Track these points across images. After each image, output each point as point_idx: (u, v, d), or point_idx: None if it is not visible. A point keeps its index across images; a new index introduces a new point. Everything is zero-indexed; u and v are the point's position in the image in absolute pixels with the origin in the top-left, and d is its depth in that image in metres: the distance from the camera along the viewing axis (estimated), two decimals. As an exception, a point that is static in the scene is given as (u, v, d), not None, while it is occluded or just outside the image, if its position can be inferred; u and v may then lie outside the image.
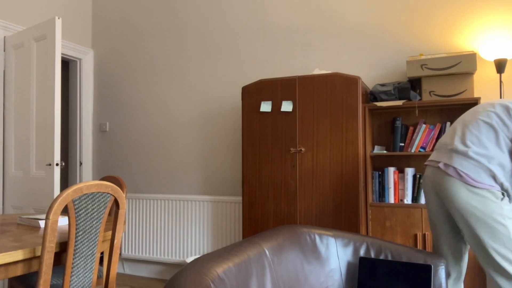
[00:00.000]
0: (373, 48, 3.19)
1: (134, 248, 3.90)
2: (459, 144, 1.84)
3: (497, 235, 1.72)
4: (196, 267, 1.24)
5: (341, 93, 2.72)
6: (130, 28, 4.19)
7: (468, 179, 1.76)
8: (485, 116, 1.84)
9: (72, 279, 1.68)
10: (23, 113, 3.43)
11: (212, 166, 3.73)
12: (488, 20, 2.88)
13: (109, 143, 4.24)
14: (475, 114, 1.89)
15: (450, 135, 1.93)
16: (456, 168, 1.80)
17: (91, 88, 4.35)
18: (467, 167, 1.78)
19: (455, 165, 1.80)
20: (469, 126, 1.86)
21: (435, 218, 1.99)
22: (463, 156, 1.80)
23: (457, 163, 1.80)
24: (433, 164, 1.92)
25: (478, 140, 1.81)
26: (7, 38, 3.58)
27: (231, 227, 3.51)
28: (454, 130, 1.93)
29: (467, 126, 1.87)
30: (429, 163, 1.97)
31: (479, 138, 1.81)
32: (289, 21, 3.49)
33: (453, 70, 2.66)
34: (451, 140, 1.89)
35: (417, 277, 1.82)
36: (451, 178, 1.80)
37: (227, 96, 3.70)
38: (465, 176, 1.77)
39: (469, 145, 1.81)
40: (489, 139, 1.79)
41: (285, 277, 1.66)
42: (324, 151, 2.74)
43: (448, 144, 1.90)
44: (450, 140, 1.90)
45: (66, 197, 1.58)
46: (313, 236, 1.94)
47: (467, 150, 1.80)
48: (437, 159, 1.91)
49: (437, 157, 1.92)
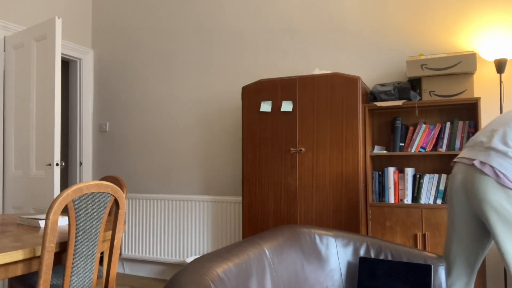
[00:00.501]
0: (373, 48, 3.19)
1: (134, 248, 3.90)
2: (500, 143, 1.74)
3: None
4: (196, 267, 1.24)
5: (341, 93, 2.72)
6: (130, 28, 4.19)
7: (505, 179, 1.67)
8: None
9: (72, 279, 1.68)
10: (23, 113, 3.43)
11: (212, 166, 3.73)
12: (488, 20, 2.88)
13: (109, 143, 4.24)
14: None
15: (488, 133, 1.83)
16: (494, 167, 1.69)
17: (91, 88, 4.35)
18: (506, 168, 1.68)
19: (493, 163, 1.70)
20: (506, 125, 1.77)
21: (458, 219, 1.88)
22: (503, 155, 1.70)
23: (496, 162, 1.70)
24: (466, 162, 1.80)
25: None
26: (7, 38, 3.58)
27: (231, 227, 3.51)
28: (492, 129, 1.83)
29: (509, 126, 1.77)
30: (460, 160, 1.85)
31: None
32: (289, 21, 3.49)
33: (453, 70, 2.66)
34: (489, 139, 1.79)
35: (417, 277, 1.82)
36: (486, 177, 1.70)
37: (227, 96, 3.70)
38: (502, 177, 1.67)
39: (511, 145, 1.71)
40: None
41: (285, 277, 1.66)
42: (324, 151, 2.74)
43: (485, 142, 1.79)
44: (487, 138, 1.80)
45: (66, 197, 1.58)
46: (313, 236, 1.94)
47: (508, 150, 1.70)
48: (472, 156, 1.79)
49: (471, 154, 1.81)
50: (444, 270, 1.86)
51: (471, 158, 1.79)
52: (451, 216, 1.92)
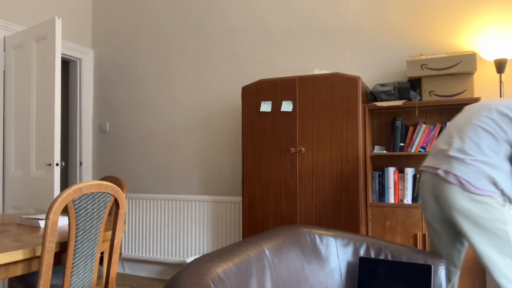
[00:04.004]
0: (373, 48, 3.19)
1: (134, 248, 3.90)
2: (458, 150, 1.81)
3: (497, 241, 1.71)
4: (196, 267, 1.24)
5: (341, 93, 2.72)
6: (130, 28, 4.19)
7: (470, 186, 1.73)
8: (483, 122, 1.81)
9: (72, 279, 1.68)
10: (23, 113, 3.43)
11: (212, 166, 3.73)
12: (488, 20, 2.88)
13: (109, 143, 4.24)
14: (470, 119, 1.86)
15: (447, 140, 1.89)
16: (457, 175, 1.76)
17: (91, 88, 4.35)
18: (468, 174, 1.75)
19: (456, 172, 1.76)
20: (467, 132, 1.83)
21: (435, 222, 1.96)
22: (463, 162, 1.77)
23: (458, 170, 1.76)
24: (431, 171, 1.88)
25: (478, 147, 1.78)
26: (7, 38, 3.58)
27: (231, 227, 3.51)
28: (450, 135, 1.90)
29: (464, 132, 1.84)
30: (426, 169, 1.93)
31: (478, 145, 1.78)
32: (289, 21, 3.49)
33: (453, 70, 2.66)
34: (448, 146, 1.86)
35: (417, 277, 1.82)
36: (452, 185, 1.77)
37: (227, 96, 3.70)
38: (466, 184, 1.74)
39: (468, 152, 1.78)
40: (488, 146, 1.77)
41: (285, 277, 1.66)
42: (324, 151, 2.74)
43: (445, 150, 1.86)
44: (447, 146, 1.86)
45: (66, 197, 1.58)
46: (313, 236, 1.94)
47: (467, 156, 1.77)
48: (435, 165, 1.87)
49: (434, 163, 1.88)
50: (444, 270, 1.86)
51: (435, 167, 1.87)
52: (428, 219, 2.00)
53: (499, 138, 1.76)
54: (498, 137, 1.77)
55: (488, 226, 1.72)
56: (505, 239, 1.71)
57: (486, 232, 1.72)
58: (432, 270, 1.81)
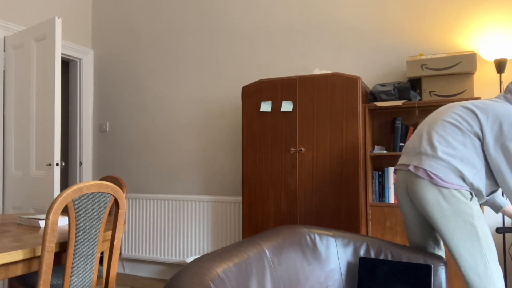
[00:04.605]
0: (373, 48, 3.19)
1: (134, 248, 3.90)
2: (427, 146, 1.86)
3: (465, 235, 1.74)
4: (196, 267, 1.24)
5: (341, 93, 2.72)
6: (130, 28, 4.19)
7: (438, 179, 1.78)
8: (449, 117, 1.87)
9: (72, 279, 1.68)
10: (23, 113, 3.43)
11: (212, 166, 3.73)
12: (488, 20, 2.88)
13: (109, 143, 4.24)
14: (438, 116, 1.92)
15: (417, 138, 1.95)
16: (426, 169, 1.81)
17: (91, 88, 4.35)
18: (436, 168, 1.79)
19: (425, 166, 1.82)
20: (435, 128, 1.88)
21: (410, 222, 2.01)
22: (432, 157, 1.82)
23: (427, 165, 1.82)
24: (403, 168, 1.94)
25: (445, 141, 1.82)
26: (7, 38, 3.58)
27: (231, 227, 3.51)
28: (420, 133, 1.95)
29: (432, 128, 1.89)
30: (400, 167, 1.99)
31: (446, 139, 1.83)
32: (289, 21, 3.49)
33: (453, 70, 2.66)
34: (418, 143, 1.91)
35: (417, 277, 1.82)
36: (421, 179, 1.82)
37: (227, 96, 3.70)
38: (434, 177, 1.78)
39: (436, 146, 1.82)
40: (455, 139, 1.82)
41: (285, 277, 1.66)
42: (324, 151, 2.74)
43: (415, 147, 1.92)
44: (417, 143, 1.92)
45: (66, 197, 1.58)
46: (313, 236, 1.94)
47: (435, 151, 1.82)
48: (407, 162, 1.93)
49: (406, 160, 1.94)
50: (444, 270, 1.86)
51: (407, 164, 1.93)
52: (404, 220, 2.05)
53: (465, 130, 1.81)
54: (463, 129, 1.82)
55: (457, 219, 1.75)
56: (473, 233, 1.74)
57: (455, 226, 1.76)
58: (432, 270, 1.81)
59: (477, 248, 1.73)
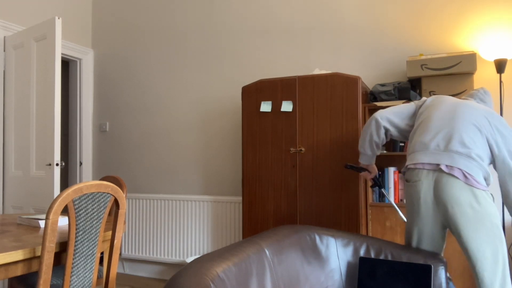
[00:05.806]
0: (373, 48, 3.19)
1: (134, 248, 3.90)
2: (459, 145, 1.81)
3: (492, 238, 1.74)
4: (196, 267, 1.24)
5: (341, 93, 2.72)
6: (130, 28, 4.19)
7: (472, 180, 1.75)
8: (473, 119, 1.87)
9: (72, 279, 1.68)
10: (23, 113, 3.43)
11: (212, 166, 3.73)
12: (488, 20, 2.88)
13: (109, 143, 4.24)
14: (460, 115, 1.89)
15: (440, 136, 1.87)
16: (461, 169, 1.76)
17: (91, 88, 4.35)
18: (471, 169, 1.76)
19: (461, 166, 1.76)
20: (460, 128, 1.85)
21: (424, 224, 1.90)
22: (467, 157, 1.78)
23: (462, 165, 1.77)
24: (429, 167, 1.84)
25: (474, 142, 1.81)
26: (7, 38, 3.58)
27: (231, 227, 3.51)
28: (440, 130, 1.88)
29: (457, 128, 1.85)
30: (423, 167, 1.86)
31: (474, 140, 1.82)
32: (289, 21, 3.49)
33: (453, 70, 2.66)
34: (446, 142, 1.84)
35: (417, 277, 1.82)
36: (455, 179, 1.76)
37: (227, 96, 3.70)
38: (470, 178, 1.75)
39: (469, 146, 1.80)
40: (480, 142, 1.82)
41: (285, 277, 1.66)
42: (324, 151, 2.74)
43: (440, 145, 1.85)
44: (443, 141, 1.85)
45: (66, 197, 1.58)
46: (313, 236, 1.94)
47: (469, 151, 1.78)
48: (435, 161, 1.83)
49: (432, 159, 1.84)
50: (444, 270, 1.86)
51: (435, 163, 1.83)
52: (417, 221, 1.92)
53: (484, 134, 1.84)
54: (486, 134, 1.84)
55: (485, 221, 1.74)
56: (499, 235, 1.75)
57: (482, 227, 1.74)
58: (432, 270, 1.81)
59: (500, 249, 1.74)
